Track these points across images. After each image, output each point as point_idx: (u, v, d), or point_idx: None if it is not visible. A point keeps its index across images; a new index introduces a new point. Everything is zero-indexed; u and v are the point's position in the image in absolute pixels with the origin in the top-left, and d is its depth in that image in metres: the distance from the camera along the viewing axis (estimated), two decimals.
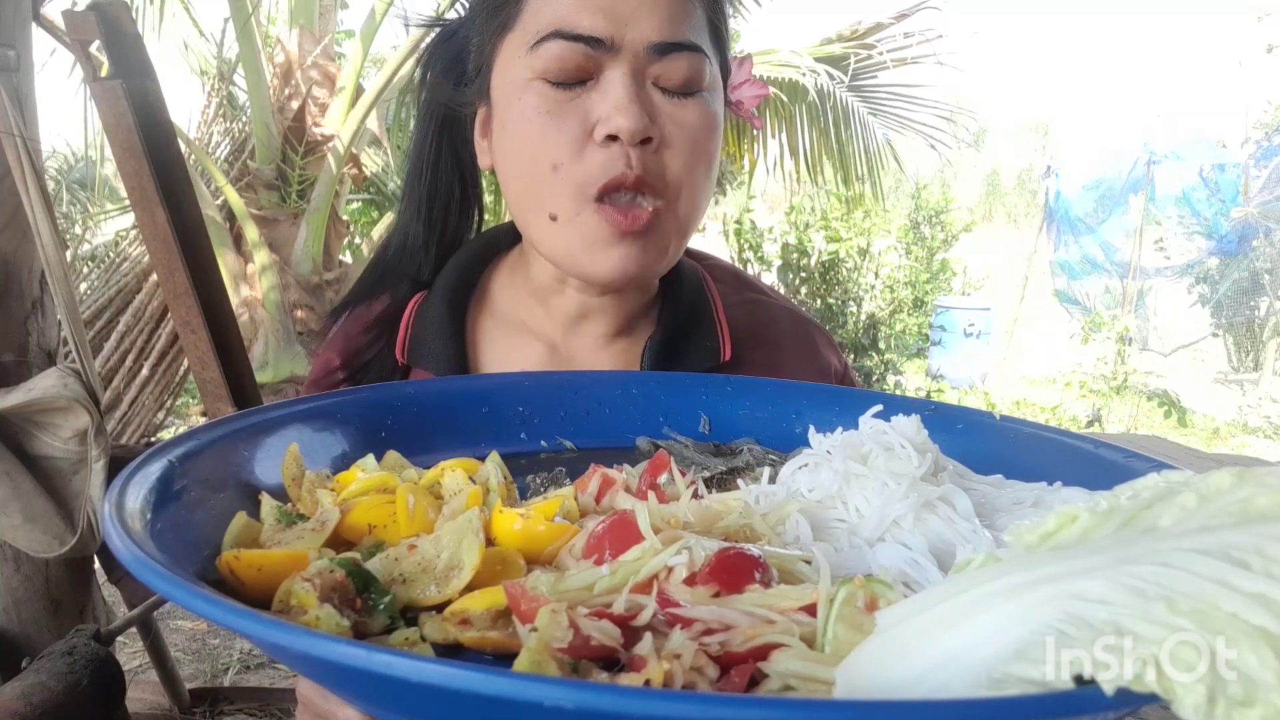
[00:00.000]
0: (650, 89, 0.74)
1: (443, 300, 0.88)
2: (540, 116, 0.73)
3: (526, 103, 0.74)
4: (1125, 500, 0.36)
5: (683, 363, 0.85)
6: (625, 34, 0.72)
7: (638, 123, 0.71)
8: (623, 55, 0.72)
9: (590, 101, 0.73)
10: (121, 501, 0.43)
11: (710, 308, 0.89)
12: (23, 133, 1.35)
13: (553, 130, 0.73)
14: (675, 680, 0.33)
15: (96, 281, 3.86)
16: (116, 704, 1.46)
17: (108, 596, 1.88)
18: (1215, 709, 0.26)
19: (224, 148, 4.26)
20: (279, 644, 0.32)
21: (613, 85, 0.72)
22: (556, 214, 0.75)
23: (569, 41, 0.72)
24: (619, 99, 0.71)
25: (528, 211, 0.78)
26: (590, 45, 0.72)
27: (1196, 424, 6.89)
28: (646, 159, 0.73)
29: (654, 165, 0.74)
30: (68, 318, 1.43)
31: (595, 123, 0.72)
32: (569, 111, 0.73)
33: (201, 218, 1.64)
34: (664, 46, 0.73)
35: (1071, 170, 8.87)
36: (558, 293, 0.86)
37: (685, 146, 0.75)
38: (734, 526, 0.50)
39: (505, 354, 0.88)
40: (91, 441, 1.43)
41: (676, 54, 0.73)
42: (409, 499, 0.50)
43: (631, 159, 0.72)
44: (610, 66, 0.73)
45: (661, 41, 0.73)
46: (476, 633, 0.40)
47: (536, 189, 0.75)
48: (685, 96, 0.75)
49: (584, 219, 0.74)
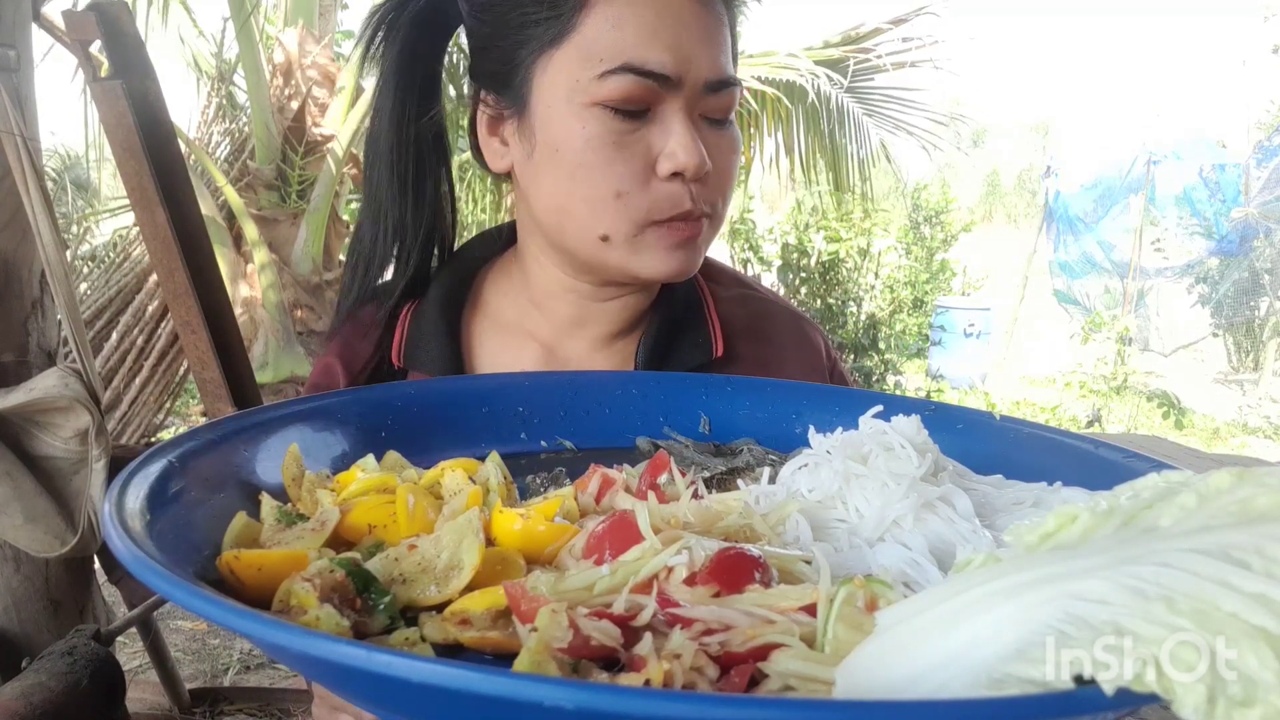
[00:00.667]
0: (698, 121, 0.78)
1: (437, 304, 0.88)
2: (605, 147, 0.74)
3: (591, 130, 0.74)
4: (1125, 500, 0.36)
5: (675, 359, 0.87)
6: (689, 71, 0.74)
7: (701, 160, 0.75)
8: (683, 91, 0.75)
9: (652, 135, 0.75)
10: (121, 501, 0.43)
11: (702, 305, 0.91)
12: (23, 132, 1.35)
13: (619, 162, 0.75)
14: (675, 680, 0.33)
15: (96, 281, 3.86)
16: (116, 704, 1.46)
17: (108, 596, 1.88)
18: (1215, 709, 0.26)
19: (224, 148, 4.26)
20: (279, 644, 0.32)
21: (674, 122, 0.75)
22: (610, 236, 0.77)
23: (640, 77, 0.73)
24: (683, 139, 0.74)
25: (575, 228, 0.79)
26: (659, 82, 0.73)
27: (1196, 424, 6.89)
28: (703, 191, 0.77)
29: (705, 194, 0.78)
30: (68, 318, 1.43)
31: (657, 157, 0.75)
32: (632, 143, 0.75)
33: (201, 218, 1.64)
34: (717, 84, 0.76)
35: (1071, 170, 8.87)
36: (557, 298, 0.86)
37: (727, 171, 0.80)
38: (734, 526, 0.50)
39: (500, 355, 0.88)
40: (92, 441, 1.43)
41: (726, 90, 0.77)
42: (409, 499, 0.50)
43: (694, 193, 0.76)
44: (669, 101, 0.75)
45: (715, 80, 0.76)
46: (476, 633, 0.40)
47: (592, 211, 0.77)
48: (723, 125, 0.80)
49: (640, 239, 0.77)
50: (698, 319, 0.90)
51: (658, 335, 0.87)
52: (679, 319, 0.89)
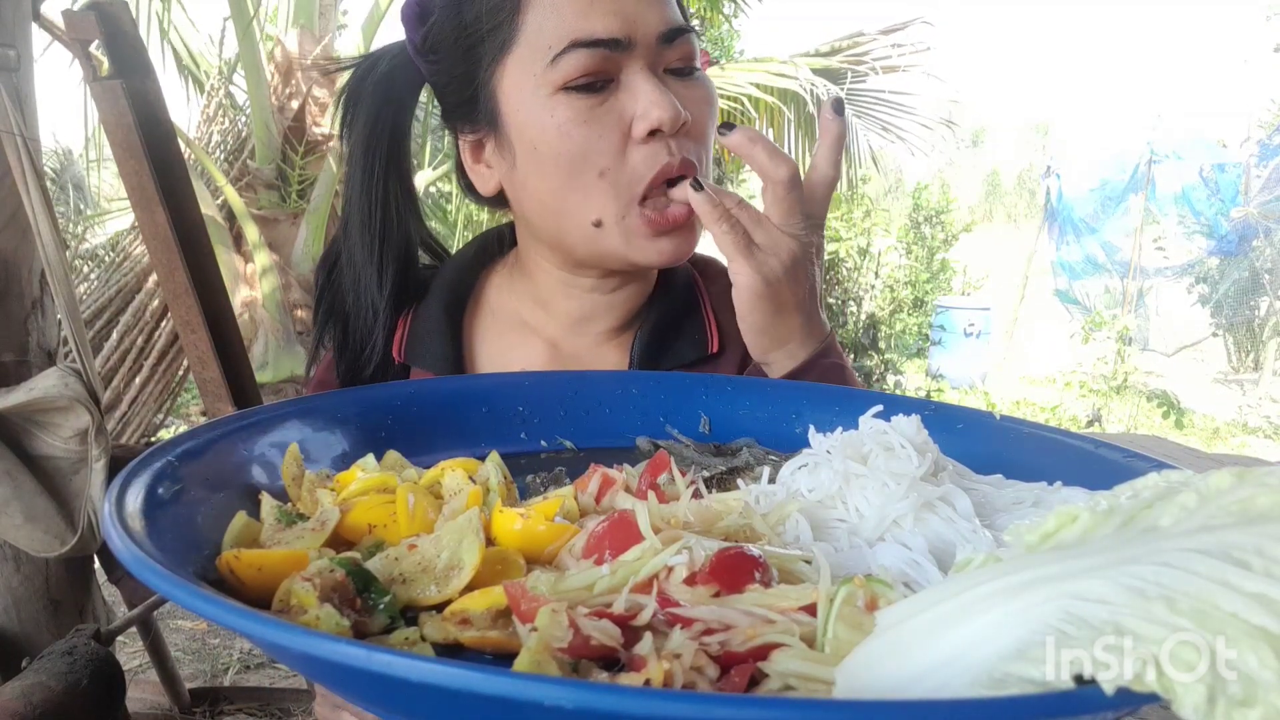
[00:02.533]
0: (664, 76, 0.77)
1: (440, 301, 0.89)
2: (578, 127, 0.74)
3: (560, 117, 0.74)
4: (1125, 500, 0.36)
5: (671, 354, 0.87)
6: (637, 30, 0.74)
7: (675, 111, 0.74)
8: (637, 51, 0.75)
9: (620, 103, 0.75)
10: (121, 501, 0.43)
11: (699, 302, 0.91)
12: (23, 132, 1.35)
13: (593, 138, 0.74)
14: (675, 680, 0.33)
15: (96, 281, 3.86)
16: (116, 704, 1.46)
17: (108, 596, 1.88)
18: (1215, 709, 0.26)
19: (224, 148, 4.26)
20: (279, 644, 0.32)
21: (639, 82, 0.74)
22: (602, 219, 0.77)
23: (589, 49, 0.73)
24: (651, 94, 0.74)
25: (567, 223, 0.79)
26: (610, 48, 0.73)
27: (1196, 424, 6.89)
28: (681, 142, 0.76)
29: (686, 146, 0.77)
30: (68, 318, 1.43)
31: (631, 121, 0.74)
32: (603, 115, 0.74)
33: (201, 218, 1.64)
34: (670, 34, 0.76)
35: (1072, 170, 8.87)
36: (562, 296, 0.87)
37: (703, 121, 0.79)
38: (734, 526, 0.50)
39: (504, 352, 0.89)
40: (92, 441, 1.43)
41: (680, 38, 0.77)
42: (409, 499, 0.50)
43: (672, 147, 0.75)
44: (629, 65, 0.75)
45: (668, 29, 0.75)
46: (476, 632, 0.40)
47: (580, 198, 0.77)
48: (689, 76, 0.79)
49: (628, 223, 0.77)
50: (694, 315, 0.90)
51: (653, 330, 0.87)
52: (677, 314, 0.89)
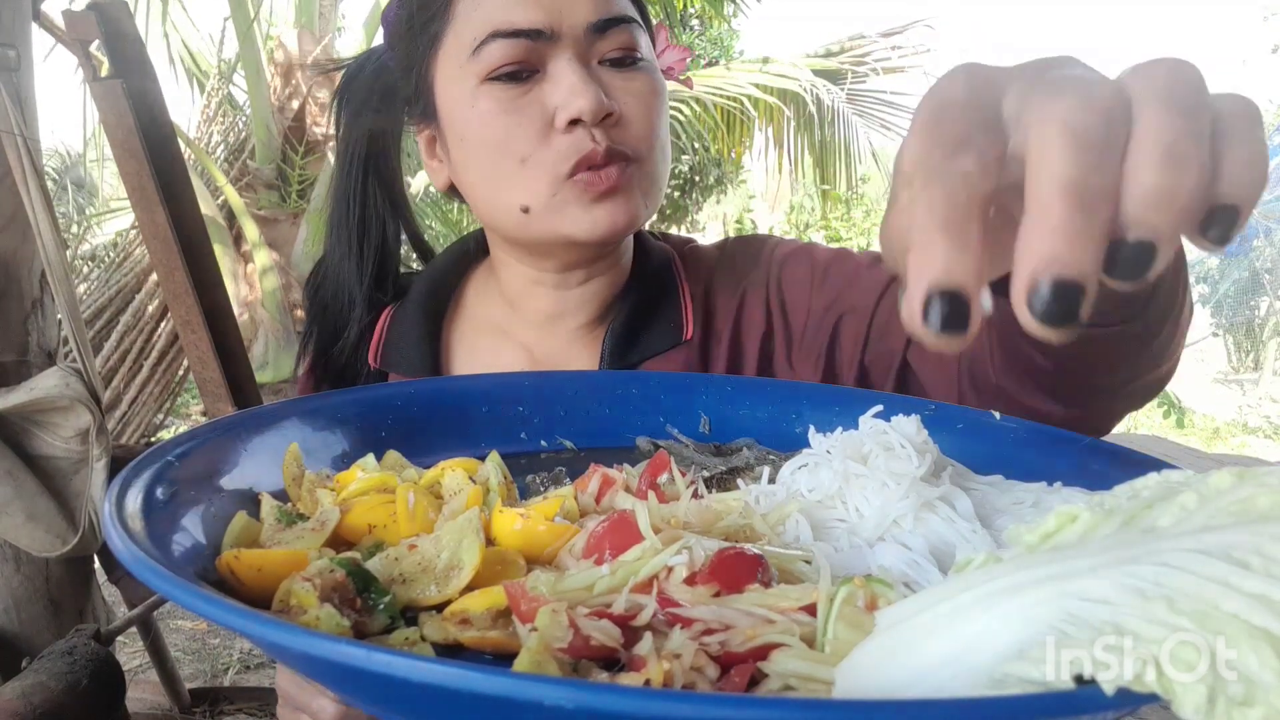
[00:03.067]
0: (596, 68, 0.75)
1: (417, 306, 0.89)
2: (498, 117, 0.74)
3: (481, 107, 0.74)
4: (1125, 500, 0.36)
5: (644, 345, 0.86)
6: (563, 20, 0.73)
7: (596, 101, 0.72)
8: (564, 42, 0.73)
9: (544, 93, 0.74)
10: (121, 501, 0.43)
11: (676, 287, 0.89)
12: (23, 132, 1.35)
13: (514, 126, 0.74)
14: (675, 680, 0.33)
15: (96, 281, 3.86)
16: (116, 704, 1.46)
17: (108, 596, 1.88)
18: (1215, 709, 0.26)
19: (224, 148, 4.27)
20: (279, 644, 0.32)
21: (563, 72, 0.73)
22: (529, 205, 0.76)
23: (509, 39, 0.72)
24: (573, 83, 0.72)
25: (499, 211, 0.78)
26: (530, 38, 0.72)
27: (1196, 424, 6.89)
28: (610, 133, 0.74)
29: (617, 136, 0.75)
30: (68, 318, 1.43)
31: (554, 111, 0.73)
32: (525, 105, 0.74)
33: (201, 218, 1.64)
34: (601, 24, 0.74)
35: None
36: (529, 293, 0.86)
37: (642, 113, 0.77)
38: (734, 526, 0.50)
39: (480, 357, 0.89)
40: (92, 441, 1.43)
41: (613, 28, 0.75)
42: (409, 499, 0.50)
43: (596, 136, 0.73)
44: (555, 55, 0.74)
45: (598, 20, 0.74)
46: (476, 632, 0.40)
47: (505, 185, 0.76)
48: (629, 67, 0.77)
49: (559, 197, 0.75)
50: (670, 300, 0.88)
51: (625, 323, 0.86)
52: (651, 302, 0.88)
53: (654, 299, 0.88)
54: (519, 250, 0.84)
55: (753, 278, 0.89)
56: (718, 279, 0.90)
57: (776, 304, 0.87)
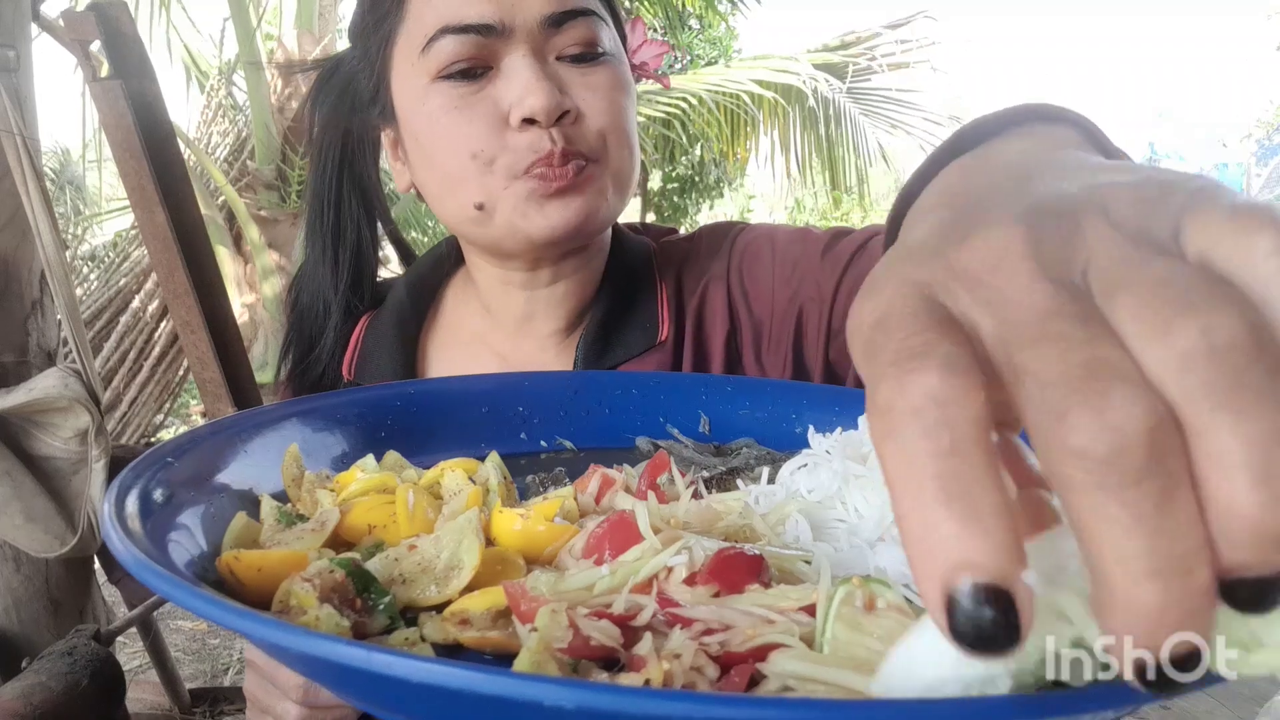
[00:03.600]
0: (554, 64, 0.73)
1: (393, 314, 0.87)
2: (448, 114, 0.72)
3: (432, 105, 0.72)
4: None
5: (618, 348, 0.83)
6: (515, 15, 0.70)
7: (550, 99, 0.69)
8: (517, 37, 0.71)
9: (497, 90, 0.71)
10: (121, 501, 0.43)
11: (652, 284, 0.86)
12: (23, 133, 1.35)
13: (464, 124, 0.71)
14: (675, 680, 0.33)
15: (96, 281, 3.86)
16: (116, 704, 1.46)
17: (108, 596, 1.88)
18: None
19: (224, 149, 4.27)
20: (279, 644, 0.32)
21: (516, 69, 0.71)
22: (482, 202, 0.73)
23: (458, 35, 0.70)
24: (527, 80, 0.70)
25: (453, 211, 0.77)
26: (481, 34, 0.70)
27: None
28: (568, 131, 0.72)
29: (576, 134, 0.72)
30: (68, 318, 1.43)
31: (508, 110, 0.71)
32: (477, 103, 0.71)
33: (201, 218, 1.64)
34: (557, 18, 0.71)
35: None
36: (500, 296, 0.85)
37: (602, 109, 0.74)
38: (734, 526, 0.50)
39: (456, 367, 0.87)
40: (92, 441, 1.43)
41: (571, 22, 0.72)
42: (409, 499, 0.50)
43: (553, 135, 0.71)
44: (508, 52, 0.71)
45: (553, 13, 0.71)
46: (476, 633, 0.40)
47: (457, 183, 0.74)
48: (589, 62, 0.74)
49: (512, 191, 0.72)
50: (646, 301, 0.85)
51: (599, 327, 0.83)
52: (626, 302, 0.85)
53: (629, 299, 0.85)
54: (482, 251, 0.82)
55: (714, 270, 0.85)
56: (685, 272, 0.87)
57: (740, 297, 0.83)
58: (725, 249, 0.86)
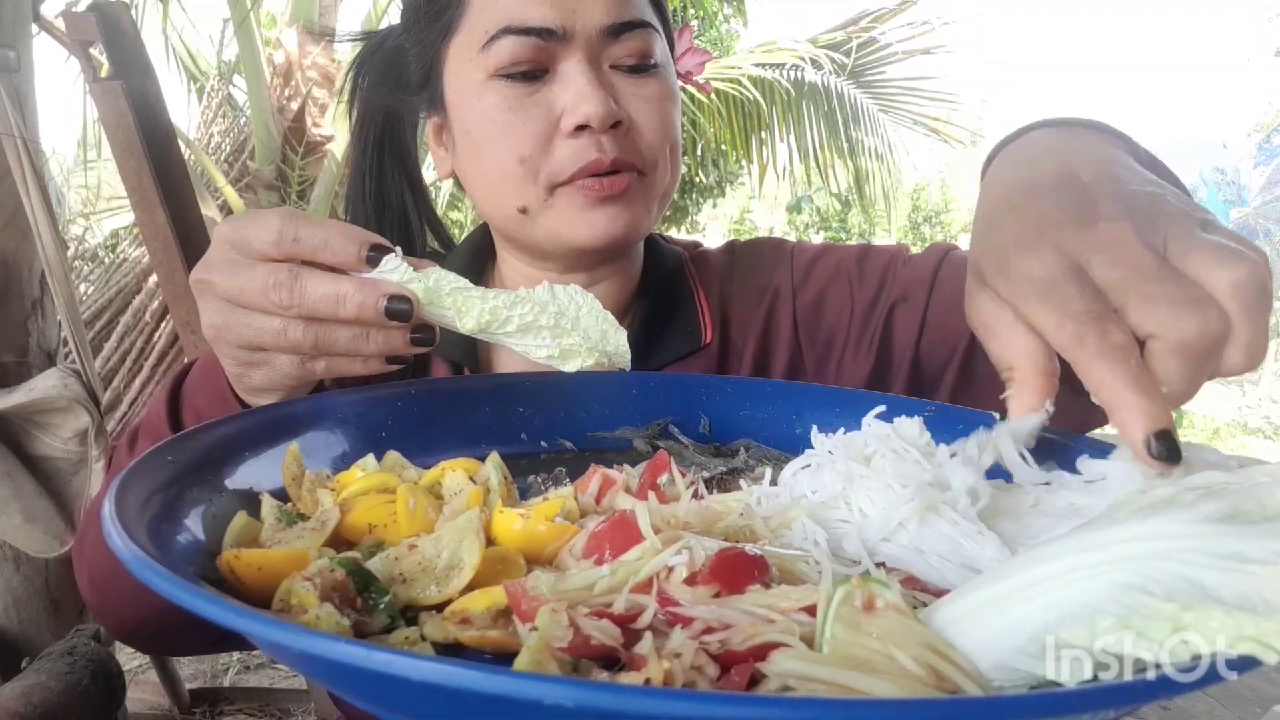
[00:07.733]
0: (608, 72, 0.74)
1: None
2: (502, 114, 0.73)
3: (486, 103, 0.73)
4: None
5: (662, 350, 0.84)
6: (576, 21, 0.71)
7: (605, 108, 0.70)
8: (576, 43, 0.72)
9: (552, 94, 0.72)
10: (121, 501, 0.43)
11: (691, 291, 0.88)
12: (23, 133, 1.35)
13: (517, 125, 0.72)
14: (675, 679, 0.33)
15: (96, 281, 3.86)
16: (116, 704, 1.46)
17: None
18: None
19: (224, 149, 4.27)
20: (279, 643, 0.32)
21: (573, 75, 0.71)
22: (526, 206, 0.75)
23: (520, 36, 0.71)
24: (582, 87, 0.71)
25: (497, 209, 0.78)
26: (542, 37, 0.71)
27: (1196, 424, 6.89)
28: (618, 141, 0.73)
29: (626, 145, 0.73)
30: (68, 318, 1.43)
31: (560, 114, 0.72)
32: (531, 105, 0.72)
33: (201, 218, 1.64)
34: (616, 28, 0.72)
35: None
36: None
37: (653, 121, 0.75)
38: (734, 527, 0.50)
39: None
40: (91, 442, 1.43)
41: (629, 33, 0.73)
42: (409, 499, 0.50)
43: (604, 144, 0.72)
44: (565, 56, 0.72)
45: (613, 23, 0.72)
46: (476, 632, 0.40)
47: (504, 184, 0.75)
48: (643, 73, 0.75)
49: (557, 199, 0.73)
50: (686, 306, 0.87)
51: (642, 327, 0.85)
52: (666, 307, 0.86)
53: (668, 303, 0.86)
54: (519, 249, 0.83)
55: (778, 283, 0.88)
56: (736, 285, 0.89)
57: (809, 308, 0.86)
58: (786, 263, 0.89)
